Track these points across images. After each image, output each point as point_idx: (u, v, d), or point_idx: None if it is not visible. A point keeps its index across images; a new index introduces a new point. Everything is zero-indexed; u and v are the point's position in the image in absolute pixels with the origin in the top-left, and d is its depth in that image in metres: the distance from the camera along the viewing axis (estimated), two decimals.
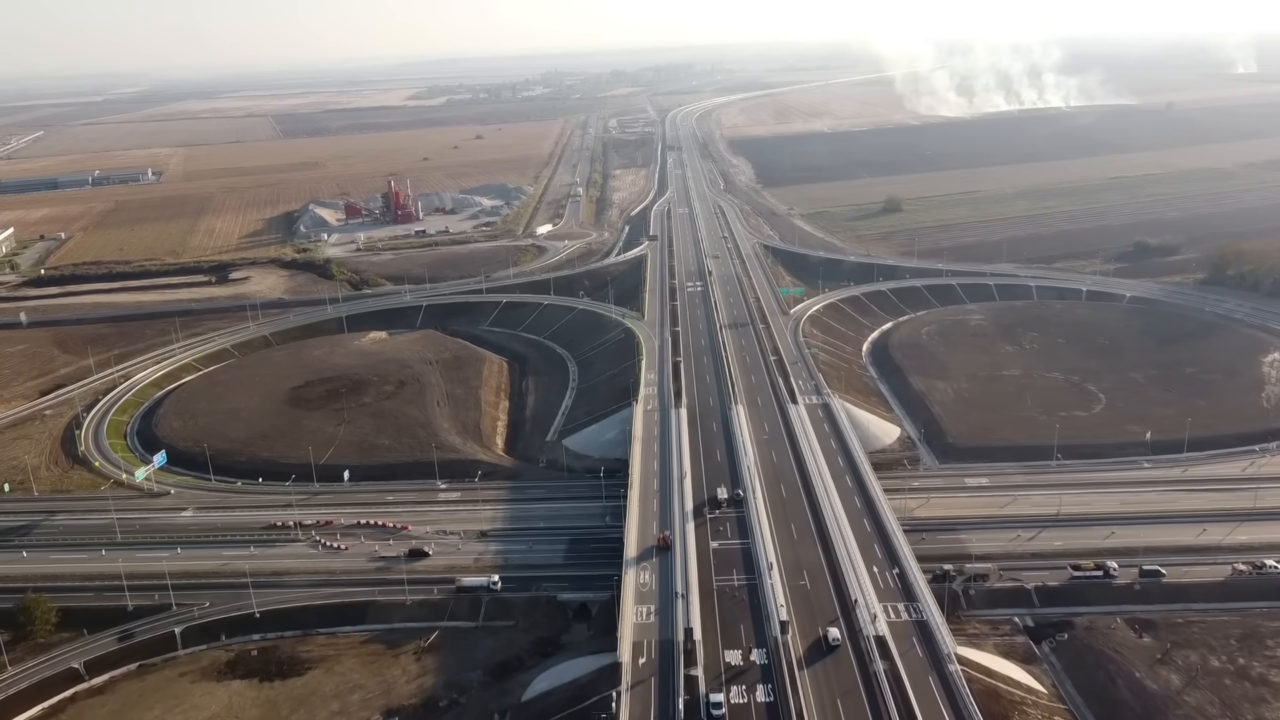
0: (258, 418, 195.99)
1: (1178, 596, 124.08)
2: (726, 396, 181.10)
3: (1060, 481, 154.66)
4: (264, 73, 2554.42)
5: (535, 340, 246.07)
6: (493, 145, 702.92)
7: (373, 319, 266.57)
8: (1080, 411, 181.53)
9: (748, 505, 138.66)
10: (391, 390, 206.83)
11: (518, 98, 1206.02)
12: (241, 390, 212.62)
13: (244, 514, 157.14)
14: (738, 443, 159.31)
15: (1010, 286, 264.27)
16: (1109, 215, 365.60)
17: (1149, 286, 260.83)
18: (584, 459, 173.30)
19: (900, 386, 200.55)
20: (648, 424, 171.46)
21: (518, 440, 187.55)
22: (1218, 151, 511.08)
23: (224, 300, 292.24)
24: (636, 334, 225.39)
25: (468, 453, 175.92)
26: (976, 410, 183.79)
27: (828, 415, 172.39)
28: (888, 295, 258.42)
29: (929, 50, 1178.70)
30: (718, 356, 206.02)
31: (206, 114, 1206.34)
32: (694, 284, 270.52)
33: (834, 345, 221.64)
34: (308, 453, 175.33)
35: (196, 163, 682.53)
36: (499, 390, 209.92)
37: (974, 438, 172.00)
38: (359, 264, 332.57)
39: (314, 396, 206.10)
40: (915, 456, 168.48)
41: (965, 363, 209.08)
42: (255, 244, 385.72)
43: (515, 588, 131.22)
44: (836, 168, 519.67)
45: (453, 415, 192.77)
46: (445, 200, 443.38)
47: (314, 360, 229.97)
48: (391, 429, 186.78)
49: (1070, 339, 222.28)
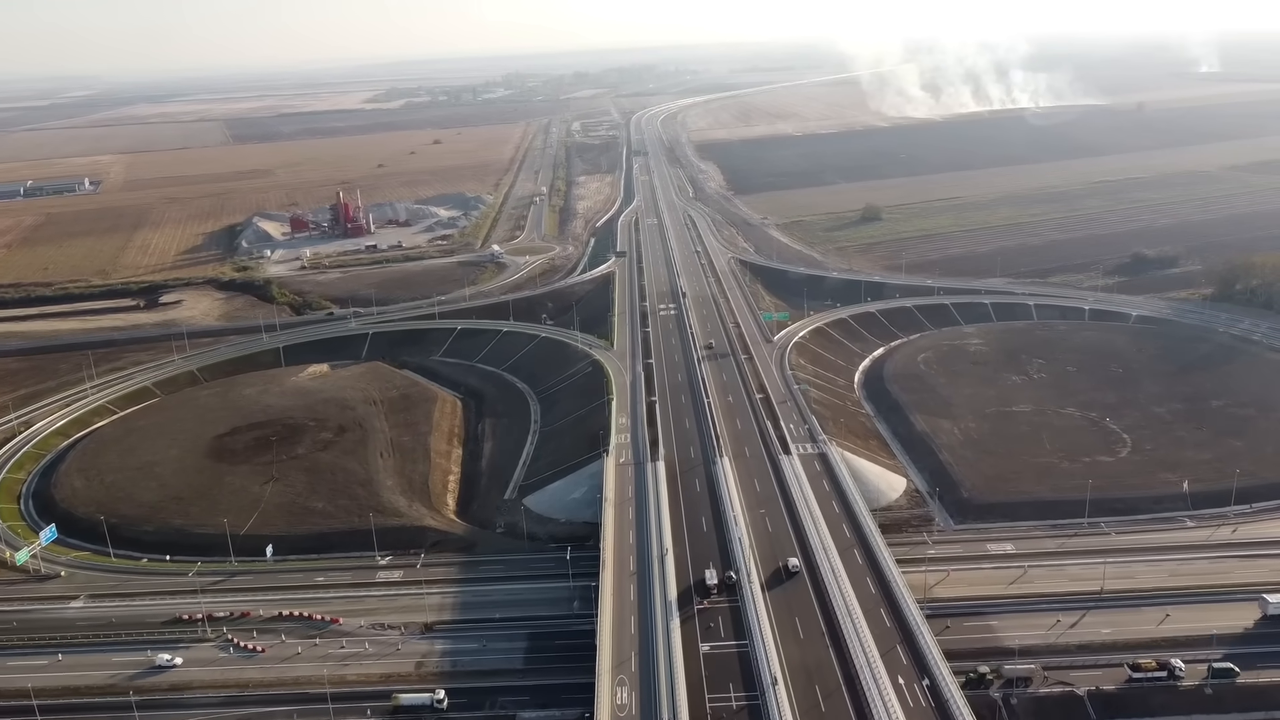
0: (174, 474, 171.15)
1: (1257, 702, 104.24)
2: (710, 447, 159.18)
3: (1096, 546, 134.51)
4: (221, 75, 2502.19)
5: (493, 373, 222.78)
6: (451, 150, 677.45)
7: (314, 349, 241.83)
8: (1105, 456, 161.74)
9: (743, 593, 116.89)
10: (329, 438, 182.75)
11: (478, 100, 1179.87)
12: (159, 439, 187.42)
13: (145, 604, 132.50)
14: (726, 508, 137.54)
15: (1007, 305, 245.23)
16: (1098, 223, 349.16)
17: (1155, 304, 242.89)
18: (548, 522, 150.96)
19: (901, 426, 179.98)
20: (621, 482, 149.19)
21: (472, 499, 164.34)
22: (1196, 154, 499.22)
23: (150, 328, 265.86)
24: (606, 367, 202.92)
25: (414, 517, 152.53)
26: (989, 456, 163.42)
27: (826, 468, 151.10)
28: (877, 317, 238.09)
29: (895, 50, 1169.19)
30: (697, 396, 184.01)
31: (156, 119, 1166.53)
32: (667, 306, 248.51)
33: (824, 377, 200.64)
34: (229, 519, 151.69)
35: (139, 171, 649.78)
36: (451, 436, 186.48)
37: (991, 491, 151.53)
38: (302, 284, 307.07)
39: (240, 447, 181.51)
40: (927, 515, 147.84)
41: (970, 397, 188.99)
42: (192, 261, 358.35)
43: (465, 705, 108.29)
44: (809, 173, 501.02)
45: (398, 469, 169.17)
46: (399, 211, 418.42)
47: (244, 401, 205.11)
48: (327, 488, 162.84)
49: (1080, 366, 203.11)
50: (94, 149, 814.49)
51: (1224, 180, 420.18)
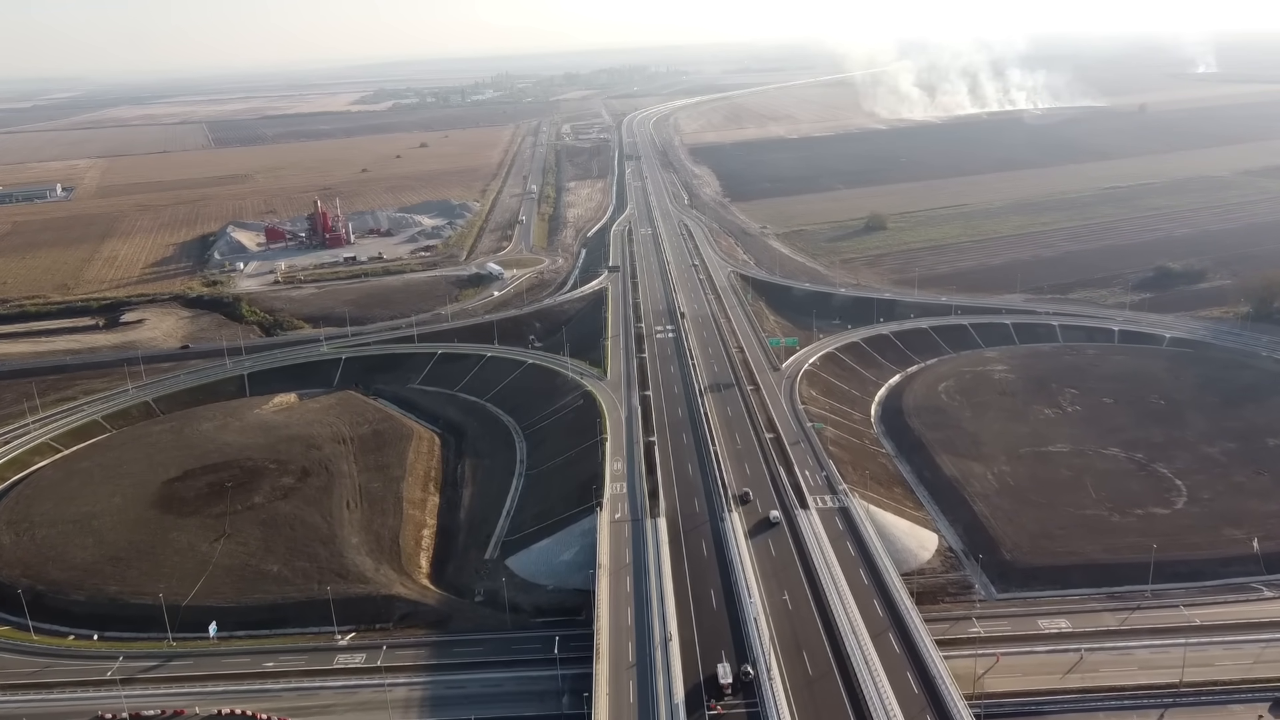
0: (114, 528, 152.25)
1: None
2: (716, 499, 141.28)
3: (1165, 623, 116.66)
4: (209, 76, 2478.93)
5: (475, 404, 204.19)
6: (438, 154, 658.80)
7: (281, 376, 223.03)
8: (1159, 508, 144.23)
9: (762, 694, 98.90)
10: (291, 484, 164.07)
11: (467, 102, 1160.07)
12: (102, 485, 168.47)
13: (62, 698, 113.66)
14: (738, 578, 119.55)
15: (1030, 326, 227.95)
16: (1114, 232, 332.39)
17: (1189, 324, 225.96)
18: (533, 590, 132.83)
19: (925, 468, 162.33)
20: (616, 544, 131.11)
21: (448, 558, 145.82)
22: (1205, 157, 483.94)
23: (107, 352, 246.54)
24: (599, 400, 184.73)
25: (381, 584, 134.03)
26: (1029, 507, 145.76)
27: (849, 526, 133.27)
28: (892, 340, 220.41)
29: (888, 49, 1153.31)
30: (700, 435, 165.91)
31: (137, 121, 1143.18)
32: (664, 328, 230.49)
33: (838, 411, 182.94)
34: (171, 585, 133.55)
35: (115, 176, 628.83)
36: (427, 481, 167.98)
37: (1036, 551, 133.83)
38: (274, 301, 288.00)
39: (191, 495, 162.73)
40: (964, 580, 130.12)
41: (1000, 434, 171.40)
42: (160, 275, 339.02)
43: None
44: (806, 178, 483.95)
45: (365, 523, 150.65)
46: (380, 220, 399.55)
47: (200, 439, 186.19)
48: (284, 546, 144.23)
49: (1116, 397, 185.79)
50: (71, 153, 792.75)
51: (1239, 186, 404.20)
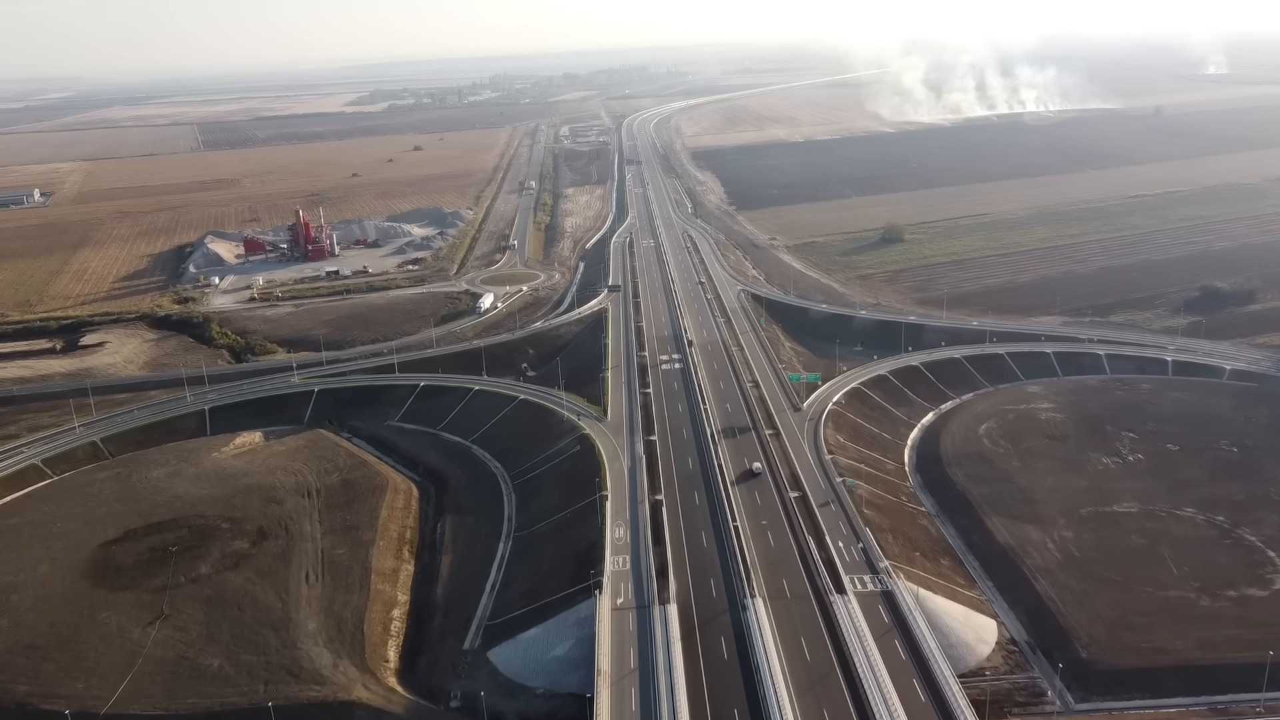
0: (35, 606, 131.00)
1: None
2: (736, 580, 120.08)
3: None
4: (204, 76, 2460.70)
5: (459, 446, 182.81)
6: (432, 158, 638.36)
7: (247, 412, 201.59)
8: (1255, 589, 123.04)
9: None
10: (244, 550, 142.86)
11: (464, 103, 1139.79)
12: (31, 548, 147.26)
13: None
14: (767, 695, 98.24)
15: (1073, 356, 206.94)
16: (1148, 245, 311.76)
17: (1249, 354, 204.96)
18: (519, 692, 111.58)
19: (974, 532, 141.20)
20: (619, 639, 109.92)
21: (421, 648, 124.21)
22: (1229, 163, 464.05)
23: (59, 380, 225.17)
24: (597, 447, 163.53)
25: (339, 685, 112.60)
26: (1101, 586, 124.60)
27: (895, 617, 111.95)
28: (922, 373, 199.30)
29: (892, 50, 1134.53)
30: (714, 493, 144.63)
31: (128, 123, 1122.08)
32: (669, 358, 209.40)
33: (870, 460, 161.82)
34: (91, 685, 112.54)
35: (97, 180, 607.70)
36: (401, 545, 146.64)
37: (1118, 648, 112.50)
38: (247, 321, 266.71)
39: (130, 562, 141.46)
40: (1034, 685, 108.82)
41: (1055, 490, 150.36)
42: (130, 290, 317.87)
43: None
44: (814, 184, 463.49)
45: (326, 603, 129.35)
46: (367, 230, 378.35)
47: (148, 489, 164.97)
48: (229, 633, 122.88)
49: (1182, 443, 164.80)
50: (57, 155, 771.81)
51: (1273, 195, 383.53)
